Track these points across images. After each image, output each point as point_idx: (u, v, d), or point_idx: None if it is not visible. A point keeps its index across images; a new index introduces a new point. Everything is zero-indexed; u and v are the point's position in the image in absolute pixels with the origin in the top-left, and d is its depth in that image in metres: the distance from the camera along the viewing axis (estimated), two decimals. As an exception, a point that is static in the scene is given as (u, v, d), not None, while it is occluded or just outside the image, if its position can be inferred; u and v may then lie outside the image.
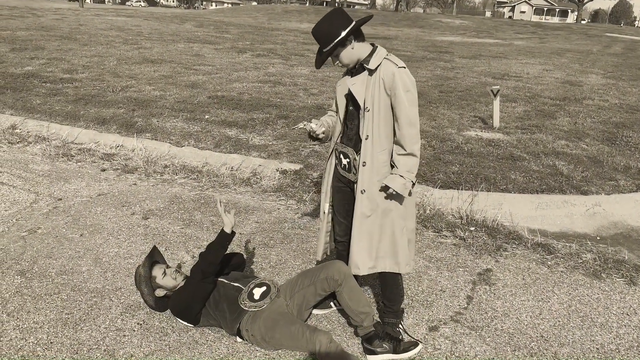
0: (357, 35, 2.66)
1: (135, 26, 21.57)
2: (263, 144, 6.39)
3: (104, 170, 5.62)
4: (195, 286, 2.92)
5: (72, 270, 3.55)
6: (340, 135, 2.90)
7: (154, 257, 3.17)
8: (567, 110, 9.20)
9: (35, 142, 6.41)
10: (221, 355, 2.79)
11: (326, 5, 68.55)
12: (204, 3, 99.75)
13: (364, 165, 2.72)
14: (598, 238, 4.50)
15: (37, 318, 3.02)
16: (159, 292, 3.04)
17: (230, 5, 78.25)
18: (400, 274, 2.92)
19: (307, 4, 77.47)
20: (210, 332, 2.98)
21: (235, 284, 3.01)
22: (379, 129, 2.68)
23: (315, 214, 4.69)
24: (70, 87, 9.13)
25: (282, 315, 2.85)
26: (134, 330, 2.96)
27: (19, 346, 2.78)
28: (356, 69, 2.74)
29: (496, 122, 7.69)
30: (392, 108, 2.64)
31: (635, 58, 20.01)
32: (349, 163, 2.82)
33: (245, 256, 3.82)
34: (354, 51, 2.66)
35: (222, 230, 2.98)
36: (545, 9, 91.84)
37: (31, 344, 2.81)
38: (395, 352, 2.82)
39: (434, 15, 51.16)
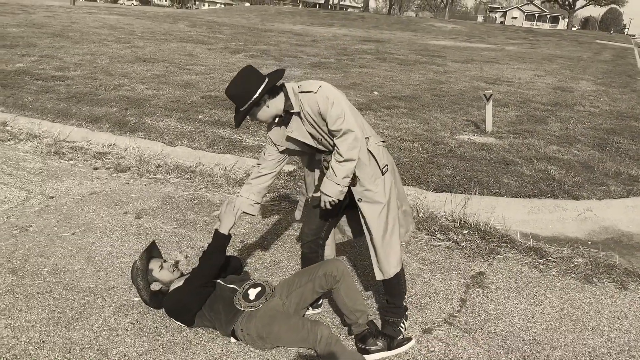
0: (271, 92, 2.69)
1: (128, 25, 21.47)
2: (257, 144, 6.38)
3: (96, 168, 5.58)
4: (194, 289, 2.90)
5: (64, 269, 3.52)
6: (320, 155, 2.96)
7: (152, 251, 3.16)
8: (558, 116, 9.27)
9: (26, 139, 6.36)
10: (215, 356, 2.78)
11: (319, 7, 68.53)
12: (197, 3, 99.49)
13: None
14: (589, 243, 4.54)
15: (29, 317, 3.00)
16: (154, 286, 3.03)
17: (223, 6, 78.16)
18: (402, 268, 2.96)
19: (300, 6, 77.50)
20: (204, 332, 2.97)
21: (231, 286, 3.00)
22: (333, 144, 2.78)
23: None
24: (62, 85, 9.07)
25: (279, 312, 2.86)
26: (127, 330, 2.94)
27: (10, 345, 2.76)
28: (283, 117, 2.78)
29: (489, 126, 7.73)
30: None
31: (624, 65, 20.23)
32: None
33: (238, 257, 3.82)
34: (270, 109, 2.71)
35: (218, 231, 2.96)
36: (537, 15, 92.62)
37: (23, 342, 2.78)
38: (389, 349, 2.84)
39: (426, 20, 51.41)
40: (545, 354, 2.97)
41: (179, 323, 2.99)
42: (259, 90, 2.63)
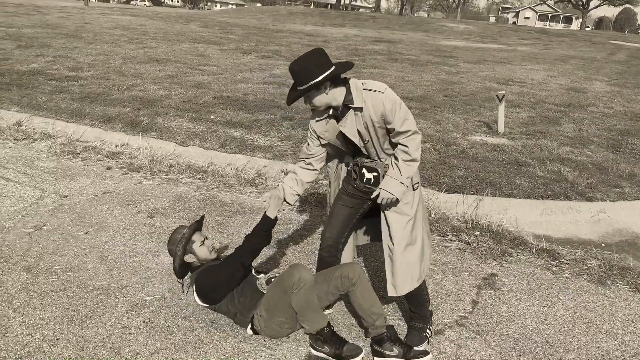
0: (334, 81, 2.65)
1: (140, 25, 21.61)
2: (268, 144, 6.40)
3: (109, 168, 5.63)
4: (237, 267, 2.93)
5: (77, 268, 3.55)
6: (352, 156, 2.93)
7: (200, 226, 3.19)
8: (571, 117, 9.20)
9: (40, 139, 6.43)
10: (227, 355, 2.80)
11: (330, 7, 68.50)
12: (209, 4, 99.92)
13: None
14: (603, 245, 4.50)
15: (43, 314, 3.03)
16: (188, 258, 3.08)
17: (234, 7, 78.45)
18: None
19: (312, 7, 77.54)
20: (215, 331, 2.98)
21: (259, 276, 3.12)
22: (381, 150, 2.77)
23: (320, 214, 4.69)
24: (76, 85, 9.15)
25: None
26: (140, 329, 2.96)
27: (25, 342, 2.79)
28: (340, 110, 2.73)
29: (501, 127, 7.69)
30: (388, 127, 2.67)
31: (639, 66, 20.00)
32: (375, 177, 2.82)
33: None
34: (327, 97, 2.66)
35: (266, 214, 3.01)
36: (550, 15, 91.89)
37: (37, 340, 2.81)
38: (404, 357, 2.81)
39: (438, 20, 51.21)
40: (558, 357, 2.95)
41: (203, 305, 2.99)
42: (324, 75, 2.58)
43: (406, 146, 2.65)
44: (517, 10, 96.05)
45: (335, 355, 2.82)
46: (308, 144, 2.97)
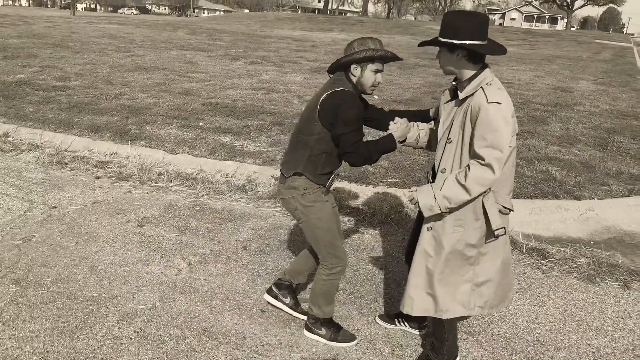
0: (472, 55, 2.36)
1: (128, 34, 21.54)
2: (258, 150, 6.39)
3: (98, 178, 5.60)
4: (364, 143, 2.62)
5: (67, 279, 3.53)
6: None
7: (389, 61, 2.75)
8: (558, 116, 9.27)
9: (28, 150, 6.39)
10: (219, 363, 2.79)
11: (318, 12, 68.66)
12: (196, 11, 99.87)
13: None
14: (592, 243, 4.54)
15: (33, 327, 3.01)
16: (354, 69, 2.68)
17: (222, 13, 78.42)
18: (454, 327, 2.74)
19: (299, 12, 77.70)
20: (207, 339, 2.97)
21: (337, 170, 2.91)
22: (459, 164, 2.43)
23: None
24: (63, 95, 9.10)
25: (336, 215, 2.96)
26: (131, 339, 2.95)
27: (14, 355, 2.77)
28: (454, 89, 2.51)
29: (489, 128, 7.72)
30: (471, 139, 2.36)
31: (624, 64, 20.22)
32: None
33: (241, 263, 3.84)
34: (454, 64, 2.41)
35: (393, 135, 2.72)
36: (535, 16, 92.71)
37: (27, 353, 2.79)
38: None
39: (425, 23, 51.46)
40: (550, 355, 2.97)
41: (321, 116, 2.68)
42: (465, 42, 2.31)
43: (469, 169, 2.31)
44: (503, 12, 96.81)
45: (331, 339, 2.97)
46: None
